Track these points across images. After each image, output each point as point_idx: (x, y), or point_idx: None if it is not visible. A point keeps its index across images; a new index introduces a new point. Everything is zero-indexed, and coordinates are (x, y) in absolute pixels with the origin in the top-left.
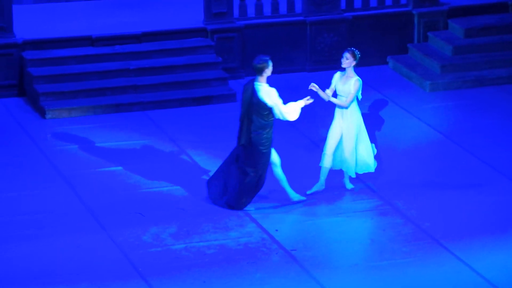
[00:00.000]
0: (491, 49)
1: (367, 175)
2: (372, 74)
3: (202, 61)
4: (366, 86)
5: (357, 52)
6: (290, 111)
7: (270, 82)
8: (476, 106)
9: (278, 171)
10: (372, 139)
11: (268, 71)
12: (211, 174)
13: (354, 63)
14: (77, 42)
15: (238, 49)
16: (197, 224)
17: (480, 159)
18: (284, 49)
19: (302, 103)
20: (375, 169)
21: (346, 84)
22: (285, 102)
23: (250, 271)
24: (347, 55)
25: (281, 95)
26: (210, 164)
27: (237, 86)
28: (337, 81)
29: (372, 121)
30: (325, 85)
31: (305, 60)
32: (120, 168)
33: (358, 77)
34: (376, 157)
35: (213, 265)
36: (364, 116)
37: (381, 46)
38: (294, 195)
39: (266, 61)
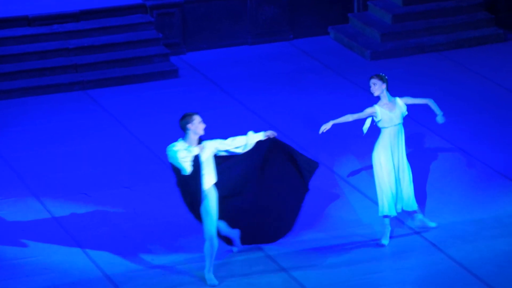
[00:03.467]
0: (429, 16)
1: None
2: (313, 45)
3: (143, 38)
4: (308, 57)
5: (382, 74)
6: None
7: (215, 55)
8: (417, 73)
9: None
10: (315, 110)
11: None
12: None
13: (384, 85)
14: (13, 22)
15: (179, 25)
16: (146, 203)
17: (423, 125)
18: (225, 23)
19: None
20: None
21: (394, 110)
22: (228, 78)
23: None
24: (373, 81)
25: (223, 70)
26: (154, 141)
27: (179, 62)
28: (382, 113)
29: (315, 92)
30: (269, 58)
31: (246, 33)
32: (62, 148)
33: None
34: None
35: (161, 242)
36: (308, 88)
37: (321, 16)
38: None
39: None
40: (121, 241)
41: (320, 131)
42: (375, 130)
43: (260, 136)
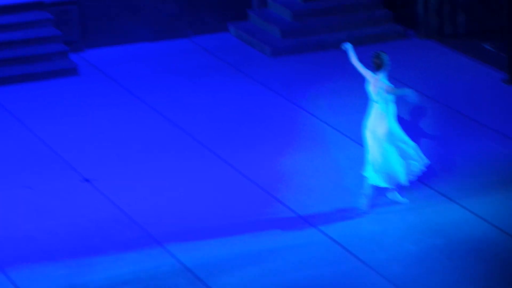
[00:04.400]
0: (330, 13)
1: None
2: (213, 41)
3: (41, 36)
4: (208, 54)
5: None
6: None
7: (115, 52)
8: (317, 70)
9: None
10: (216, 107)
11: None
12: None
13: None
14: None
15: (77, 22)
16: (48, 203)
17: (326, 122)
18: (124, 19)
19: None
20: None
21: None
22: (128, 76)
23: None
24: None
25: (123, 67)
26: (55, 139)
27: (78, 59)
28: (368, 82)
29: (216, 89)
30: (168, 56)
31: (145, 30)
32: None
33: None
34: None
35: (65, 242)
36: (209, 85)
37: (221, 13)
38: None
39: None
40: (23, 243)
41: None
42: None
43: None
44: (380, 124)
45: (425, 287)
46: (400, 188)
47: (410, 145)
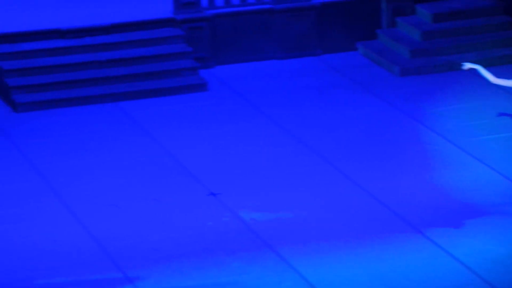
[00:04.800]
0: (459, 33)
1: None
2: (342, 60)
3: (172, 51)
4: (336, 73)
5: None
6: None
7: (244, 69)
8: (446, 91)
9: None
10: (343, 126)
11: None
12: None
13: None
14: (46, 35)
15: (208, 39)
16: (174, 216)
17: (452, 142)
18: (253, 37)
19: None
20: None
21: None
22: (256, 92)
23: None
24: None
25: (252, 84)
26: (183, 153)
27: (208, 75)
28: None
29: (343, 108)
30: (297, 73)
31: (274, 48)
32: (93, 159)
33: None
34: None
35: (190, 255)
36: (336, 103)
37: (350, 32)
38: None
39: None
40: (149, 253)
41: (467, 67)
42: None
43: None
44: None
45: None
46: None
47: None
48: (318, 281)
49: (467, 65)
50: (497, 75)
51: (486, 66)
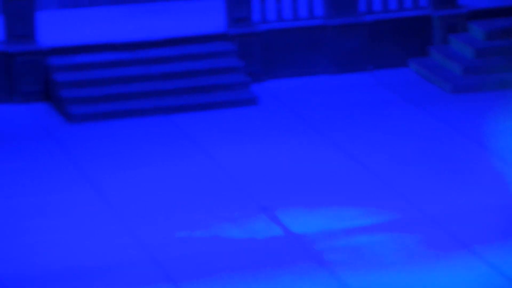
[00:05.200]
0: (511, 51)
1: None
2: (394, 77)
3: (224, 66)
4: (388, 89)
5: None
6: None
7: (295, 84)
8: (499, 109)
9: None
10: (397, 142)
11: None
12: None
13: None
14: (99, 48)
15: (260, 54)
16: (225, 229)
17: (505, 159)
18: (305, 52)
19: None
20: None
21: None
22: (307, 107)
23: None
24: None
25: (303, 99)
26: (233, 166)
27: (259, 90)
28: None
29: (397, 125)
30: (348, 89)
31: (326, 63)
32: (145, 172)
33: None
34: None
35: (241, 269)
36: (388, 119)
37: (402, 49)
38: None
39: None
40: (198, 262)
41: None
42: None
43: None
44: None
45: None
46: None
47: None
48: None
49: None
50: None
51: None
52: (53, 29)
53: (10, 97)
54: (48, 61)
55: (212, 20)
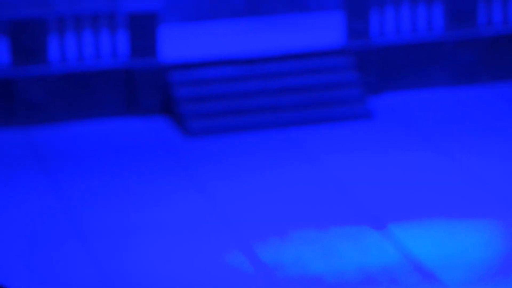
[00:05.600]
0: None
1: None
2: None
3: (340, 80)
4: (506, 102)
5: None
6: None
7: (412, 97)
8: None
9: None
10: None
11: None
12: None
13: None
14: (219, 63)
15: (377, 67)
16: (338, 245)
17: None
18: (423, 67)
19: None
20: None
21: None
22: (423, 120)
23: None
24: None
25: (420, 112)
26: (350, 182)
27: (375, 103)
28: None
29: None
30: (464, 102)
31: (445, 78)
32: (261, 184)
33: None
34: None
35: (354, 285)
36: (508, 134)
37: None
38: None
39: None
40: (314, 282)
41: None
42: None
43: None
44: None
45: None
46: None
47: None
48: None
49: None
50: None
51: None
52: (174, 43)
53: (131, 111)
54: (168, 77)
55: (329, 33)
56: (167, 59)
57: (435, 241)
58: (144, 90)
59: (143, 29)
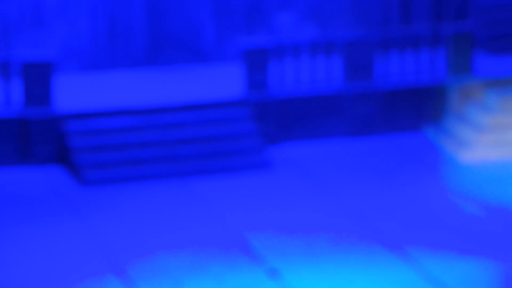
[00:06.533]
0: None
1: None
2: (408, 140)
3: (239, 132)
4: (402, 153)
5: None
6: None
7: (310, 148)
8: None
9: None
10: (406, 205)
11: None
12: None
13: None
14: (116, 114)
15: (276, 120)
16: None
17: None
18: (322, 117)
19: None
20: None
21: None
22: (317, 170)
23: None
24: None
25: (317, 161)
26: (246, 231)
27: (274, 152)
28: None
29: (409, 189)
30: (362, 153)
31: (343, 128)
32: (158, 235)
33: None
34: None
35: None
36: (402, 185)
37: (417, 115)
38: None
39: None
40: None
41: None
42: None
43: None
44: None
45: None
46: None
47: None
48: None
49: None
50: None
51: None
52: (70, 92)
53: (26, 161)
54: (63, 127)
55: (229, 85)
56: (63, 108)
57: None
58: (38, 139)
59: (37, 78)
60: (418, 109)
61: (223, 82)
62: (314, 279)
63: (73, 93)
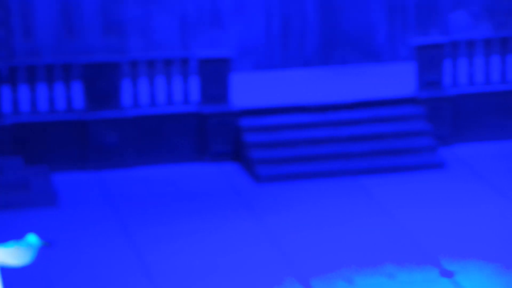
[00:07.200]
0: None
1: None
2: None
3: (412, 129)
4: None
5: None
6: None
7: (484, 149)
8: None
9: None
10: None
11: None
12: None
13: None
14: (290, 110)
15: (449, 118)
16: None
17: None
18: (495, 117)
19: None
20: None
21: None
22: (496, 174)
23: None
24: None
25: (493, 165)
26: (418, 231)
27: (447, 153)
28: None
29: None
30: None
31: None
32: (328, 233)
33: None
34: None
35: None
36: None
37: None
38: None
39: None
40: None
41: None
42: None
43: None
44: None
45: None
46: None
47: None
48: None
49: None
50: None
51: None
52: (246, 90)
53: (202, 157)
54: (239, 122)
55: (401, 83)
56: (238, 105)
57: None
58: (215, 135)
59: (214, 76)
60: None
61: (395, 80)
62: (487, 282)
63: (248, 90)
